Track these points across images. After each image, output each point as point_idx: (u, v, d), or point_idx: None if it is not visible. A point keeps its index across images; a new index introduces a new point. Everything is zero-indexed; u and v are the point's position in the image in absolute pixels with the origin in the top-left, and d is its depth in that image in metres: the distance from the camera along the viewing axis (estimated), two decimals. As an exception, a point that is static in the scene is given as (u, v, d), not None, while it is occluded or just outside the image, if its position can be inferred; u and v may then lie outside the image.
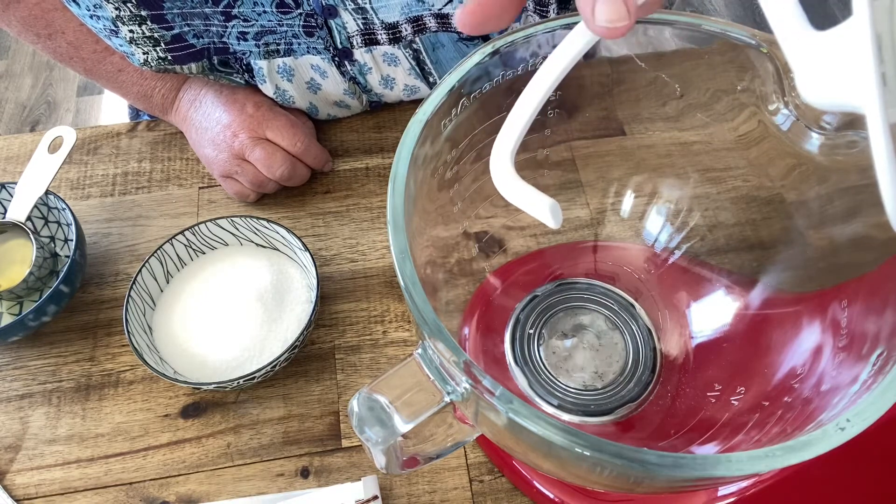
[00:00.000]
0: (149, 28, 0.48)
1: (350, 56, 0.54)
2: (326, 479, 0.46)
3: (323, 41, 0.52)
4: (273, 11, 0.49)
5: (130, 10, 0.47)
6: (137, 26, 0.48)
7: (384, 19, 0.50)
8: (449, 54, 0.56)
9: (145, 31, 0.48)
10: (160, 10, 0.47)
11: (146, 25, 0.48)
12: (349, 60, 0.55)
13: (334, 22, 0.50)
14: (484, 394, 0.26)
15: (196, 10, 0.47)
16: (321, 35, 0.51)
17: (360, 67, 0.56)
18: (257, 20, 0.49)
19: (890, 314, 0.30)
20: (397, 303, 0.53)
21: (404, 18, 0.50)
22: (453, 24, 0.51)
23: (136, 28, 0.48)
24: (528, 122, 0.28)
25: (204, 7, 0.47)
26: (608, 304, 0.46)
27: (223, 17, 0.48)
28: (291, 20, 0.50)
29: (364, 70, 0.56)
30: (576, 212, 0.49)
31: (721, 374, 0.41)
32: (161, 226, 0.58)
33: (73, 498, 0.46)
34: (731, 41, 0.36)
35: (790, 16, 0.22)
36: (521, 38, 0.35)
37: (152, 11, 0.47)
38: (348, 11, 0.49)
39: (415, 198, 0.33)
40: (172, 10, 0.47)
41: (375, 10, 0.49)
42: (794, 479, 0.38)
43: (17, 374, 0.51)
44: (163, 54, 0.51)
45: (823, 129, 0.34)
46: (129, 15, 0.47)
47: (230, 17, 0.48)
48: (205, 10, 0.47)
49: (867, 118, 0.20)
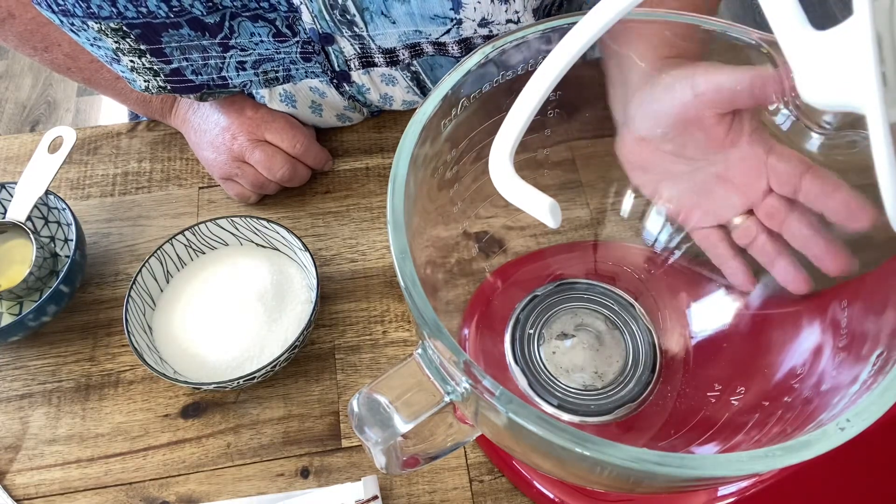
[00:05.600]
0: (148, 60, 0.49)
1: (348, 78, 0.55)
2: (326, 479, 0.46)
3: (321, 65, 0.53)
4: (270, 41, 0.49)
5: (130, 45, 0.48)
6: (137, 58, 0.49)
7: (381, 45, 0.51)
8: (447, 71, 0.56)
9: (145, 63, 0.49)
10: (159, 45, 0.48)
11: (146, 58, 0.49)
12: (347, 82, 0.55)
13: (331, 48, 0.51)
14: (484, 394, 0.26)
15: (193, 44, 0.48)
16: (318, 60, 0.52)
17: (359, 88, 0.56)
18: (255, 49, 0.50)
19: (890, 314, 0.30)
20: (397, 303, 0.53)
21: (401, 45, 0.51)
22: (450, 52, 0.51)
23: (136, 59, 0.49)
24: (528, 121, 0.28)
25: (201, 40, 0.48)
26: (608, 303, 0.46)
27: (220, 48, 0.49)
28: (288, 48, 0.50)
29: (363, 90, 0.57)
30: (576, 212, 0.49)
31: (721, 373, 0.41)
32: (161, 226, 0.58)
33: (73, 498, 0.46)
34: (731, 41, 0.36)
35: (790, 16, 0.22)
36: (520, 38, 0.35)
37: (151, 46, 0.48)
38: (345, 38, 0.50)
39: (415, 198, 0.33)
40: (171, 45, 0.48)
41: (372, 38, 0.49)
42: (794, 479, 0.39)
43: (17, 374, 0.51)
44: (163, 84, 0.51)
45: (823, 129, 0.34)
46: (129, 48, 0.48)
47: (227, 48, 0.49)
48: (202, 42, 0.48)
49: (867, 118, 0.20)
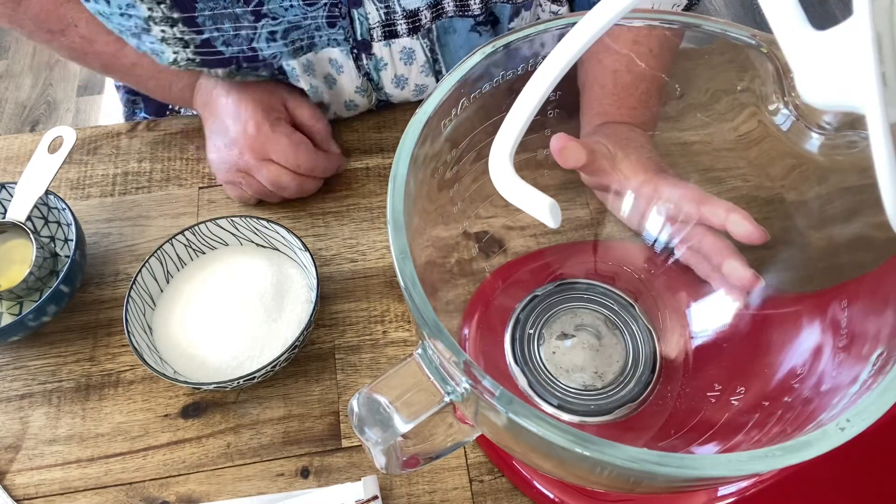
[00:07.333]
0: (179, 30, 0.49)
1: (369, 49, 0.55)
2: (326, 479, 0.46)
3: (344, 31, 0.53)
4: (300, 4, 0.50)
5: (163, 12, 0.48)
6: (169, 27, 0.49)
7: (406, 6, 0.52)
8: (459, 41, 0.57)
9: (176, 33, 0.50)
10: (192, 13, 0.48)
11: (177, 27, 0.49)
12: (367, 54, 0.56)
13: (357, 12, 0.52)
14: (484, 394, 0.26)
15: (227, 12, 0.48)
16: (343, 25, 0.53)
17: (377, 63, 0.57)
18: (284, 16, 0.50)
19: (890, 314, 0.30)
20: (397, 303, 0.53)
21: (425, 4, 0.52)
22: (471, 7, 0.53)
23: (168, 28, 0.49)
24: (528, 121, 0.28)
25: (235, 7, 0.48)
26: (608, 304, 0.46)
27: (253, 16, 0.49)
28: (316, 11, 0.51)
29: (379, 66, 0.57)
30: (576, 212, 0.49)
31: (721, 374, 0.41)
32: (161, 226, 0.58)
33: (73, 498, 0.46)
34: (731, 41, 0.36)
35: (790, 16, 0.22)
36: (521, 38, 0.35)
37: (184, 14, 0.48)
38: (372, 1, 0.51)
39: (415, 198, 0.33)
40: (204, 13, 0.48)
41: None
42: (794, 479, 0.38)
43: (17, 374, 0.51)
44: (192, 56, 0.52)
45: (823, 129, 0.34)
46: (161, 16, 0.48)
47: (260, 17, 0.49)
48: (235, 10, 0.48)
49: (867, 118, 0.20)
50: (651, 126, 0.48)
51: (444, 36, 0.56)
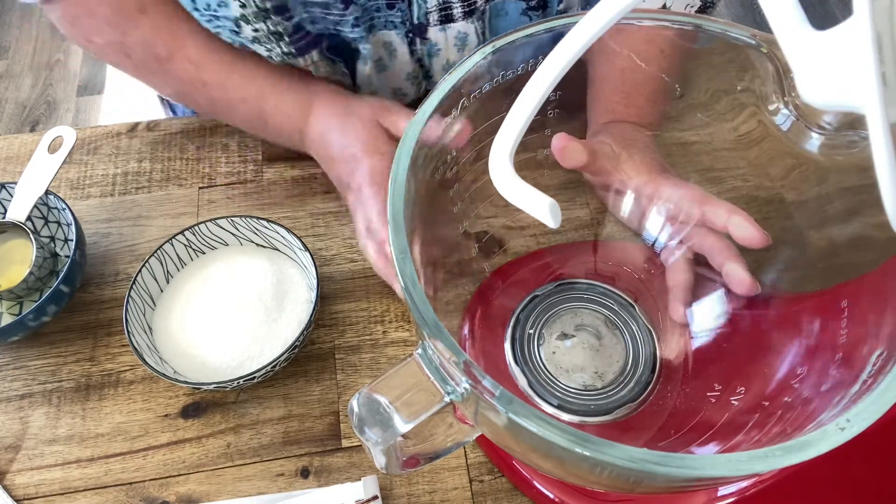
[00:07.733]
0: (273, 23, 0.49)
1: (424, 33, 0.55)
2: (326, 479, 0.46)
3: (401, 14, 0.53)
4: None
5: (256, 6, 0.48)
6: (263, 23, 0.49)
7: None
8: (509, 24, 0.56)
9: (269, 27, 0.49)
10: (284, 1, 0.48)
11: (270, 20, 0.49)
12: (422, 38, 0.55)
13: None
14: (484, 394, 0.26)
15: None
16: (401, 7, 0.52)
17: (430, 48, 0.56)
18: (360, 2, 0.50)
19: (890, 314, 0.30)
20: (397, 303, 0.53)
21: None
22: None
23: (260, 25, 0.49)
24: (528, 121, 0.28)
25: None
26: (608, 304, 0.46)
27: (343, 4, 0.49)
28: None
29: (433, 51, 0.57)
30: (576, 212, 0.49)
31: (721, 374, 0.41)
32: (161, 226, 0.58)
33: (73, 498, 0.46)
34: (731, 41, 0.36)
35: (790, 16, 0.22)
36: (522, 37, 0.35)
37: (275, 2, 0.48)
38: None
39: (415, 198, 0.33)
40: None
41: None
42: (794, 479, 0.38)
43: (17, 374, 0.51)
44: (286, 48, 0.52)
45: (823, 129, 0.34)
46: (254, 12, 0.48)
47: (348, 4, 0.49)
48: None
49: (867, 118, 0.20)
50: (656, 126, 0.48)
51: (494, 19, 0.56)
